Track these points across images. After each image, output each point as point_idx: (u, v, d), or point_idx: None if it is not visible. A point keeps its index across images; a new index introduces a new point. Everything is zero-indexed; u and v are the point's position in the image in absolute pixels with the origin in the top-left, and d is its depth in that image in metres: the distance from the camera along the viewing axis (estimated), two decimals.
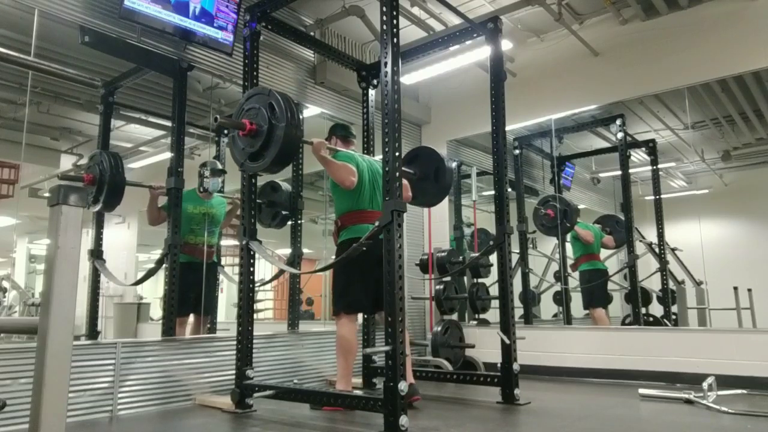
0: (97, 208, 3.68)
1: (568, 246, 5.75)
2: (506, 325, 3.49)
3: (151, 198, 4.10)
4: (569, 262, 5.74)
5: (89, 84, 3.80)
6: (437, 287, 4.87)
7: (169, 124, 4.03)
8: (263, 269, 4.88)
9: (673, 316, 5.13)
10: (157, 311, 4.67)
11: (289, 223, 4.61)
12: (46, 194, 1.28)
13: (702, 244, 4.71)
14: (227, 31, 4.00)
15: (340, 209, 3.48)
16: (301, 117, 2.94)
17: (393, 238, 2.69)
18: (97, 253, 3.96)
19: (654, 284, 5.30)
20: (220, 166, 4.33)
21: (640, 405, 3.42)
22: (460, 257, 5.04)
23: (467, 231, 5.85)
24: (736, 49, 4.33)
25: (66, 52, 3.74)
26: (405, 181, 3.34)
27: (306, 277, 5.12)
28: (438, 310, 4.93)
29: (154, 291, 4.89)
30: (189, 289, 4.08)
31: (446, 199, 5.83)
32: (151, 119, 4.62)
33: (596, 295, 5.54)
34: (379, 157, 3.00)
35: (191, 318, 4.26)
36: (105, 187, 3.56)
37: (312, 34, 4.69)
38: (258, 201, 4.32)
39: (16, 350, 2.82)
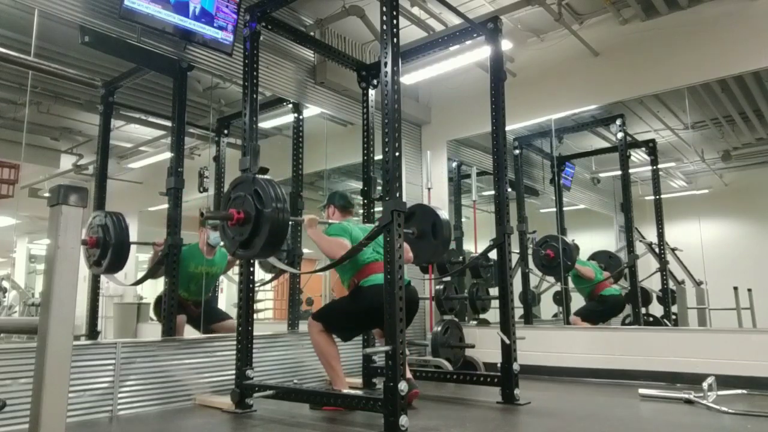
0: (100, 271, 3.57)
1: (571, 279, 5.68)
2: (506, 325, 3.48)
3: (154, 254, 4.08)
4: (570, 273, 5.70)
5: (89, 84, 3.79)
6: (437, 287, 4.87)
7: (169, 124, 4.03)
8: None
9: (673, 316, 5.13)
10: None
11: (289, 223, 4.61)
12: (46, 194, 1.28)
13: (702, 244, 4.71)
14: (227, 31, 4.00)
15: (347, 275, 3.43)
16: (286, 196, 2.91)
17: (393, 238, 2.69)
18: None
19: (654, 284, 5.29)
20: None
21: (640, 405, 3.42)
22: (460, 257, 5.04)
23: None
24: (736, 49, 4.33)
25: (66, 52, 3.74)
26: (405, 244, 3.34)
27: (306, 277, 5.12)
28: (438, 310, 4.92)
29: (154, 291, 4.89)
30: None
31: (446, 199, 5.87)
32: (151, 119, 4.62)
33: (595, 313, 5.45)
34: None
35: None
36: (110, 250, 3.44)
37: (312, 34, 4.69)
38: None
39: (16, 350, 2.82)
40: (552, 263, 5.54)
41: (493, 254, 3.85)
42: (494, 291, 5.32)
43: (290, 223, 3.04)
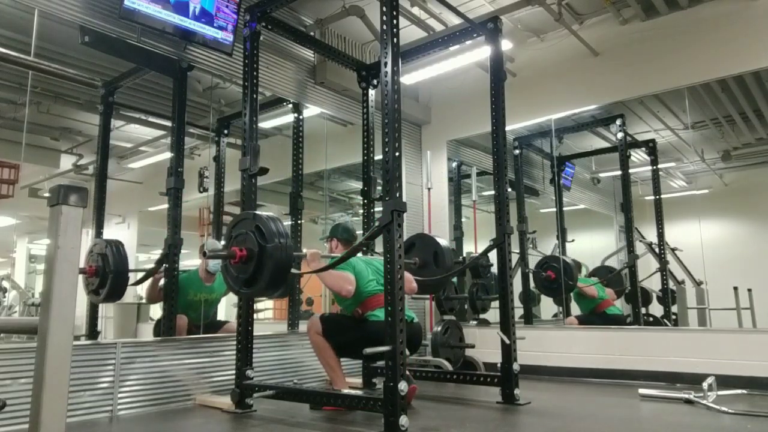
0: (98, 300, 3.56)
1: (573, 297, 5.64)
2: (506, 325, 3.48)
3: (153, 280, 4.08)
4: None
5: (89, 84, 3.79)
6: None
7: (169, 124, 4.03)
8: None
9: (673, 316, 5.12)
10: (156, 311, 4.67)
11: (289, 222, 4.61)
12: (46, 194, 1.28)
13: (702, 244, 4.71)
14: (227, 31, 4.00)
15: (351, 307, 3.43)
16: (289, 233, 2.89)
17: (393, 238, 2.69)
18: None
19: (654, 284, 5.29)
20: (220, 247, 4.26)
21: (640, 405, 3.42)
22: (460, 257, 5.04)
23: None
24: (736, 49, 4.33)
25: (66, 52, 3.74)
26: (408, 274, 3.36)
27: (306, 277, 5.12)
28: (438, 310, 4.92)
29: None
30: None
31: (446, 200, 5.87)
32: (151, 119, 4.62)
33: (592, 324, 5.45)
34: (379, 256, 2.93)
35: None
36: (109, 279, 3.42)
37: (312, 34, 4.69)
38: None
39: (16, 350, 2.82)
40: (553, 284, 5.52)
41: (492, 254, 3.85)
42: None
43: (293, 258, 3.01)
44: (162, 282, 3.89)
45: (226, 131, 4.78)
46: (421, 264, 3.82)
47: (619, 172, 5.37)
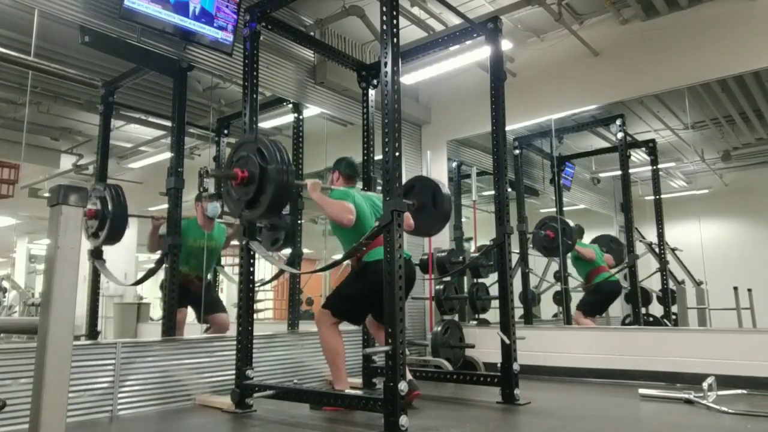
0: (98, 243, 3.57)
1: (571, 260, 5.69)
2: (506, 325, 3.48)
3: (153, 228, 4.13)
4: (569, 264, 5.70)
5: (89, 84, 3.79)
6: (437, 287, 4.87)
7: (169, 124, 4.03)
8: (263, 269, 4.88)
9: (673, 316, 5.13)
10: (157, 311, 4.67)
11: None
12: (46, 194, 1.28)
13: (702, 244, 4.71)
14: (227, 31, 4.00)
15: (352, 238, 3.37)
16: (290, 158, 2.93)
17: (393, 238, 2.69)
18: (97, 253, 3.94)
19: (654, 284, 5.29)
20: (219, 211, 4.27)
21: (640, 405, 3.42)
22: (460, 257, 5.04)
23: None
24: (736, 49, 4.33)
25: (66, 52, 3.74)
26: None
27: (306, 277, 5.12)
28: (438, 310, 4.92)
29: (154, 291, 4.89)
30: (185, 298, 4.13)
31: None
32: (151, 119, 4.62)
33: (594, 304, 5.48)
34: (377, 193, 2.95)
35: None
36: (107, 222, 3.43)
37: (312, 34, 4.69)
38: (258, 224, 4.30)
39: (16, 350, 2.82)
40: (552, 244, 5.56)
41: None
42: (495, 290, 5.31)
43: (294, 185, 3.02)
44: (162, 229, 3.90)
45: (226, 131, 4.79)
46: (419, 206, 3.75)
47: (619, 172, 5.37)
